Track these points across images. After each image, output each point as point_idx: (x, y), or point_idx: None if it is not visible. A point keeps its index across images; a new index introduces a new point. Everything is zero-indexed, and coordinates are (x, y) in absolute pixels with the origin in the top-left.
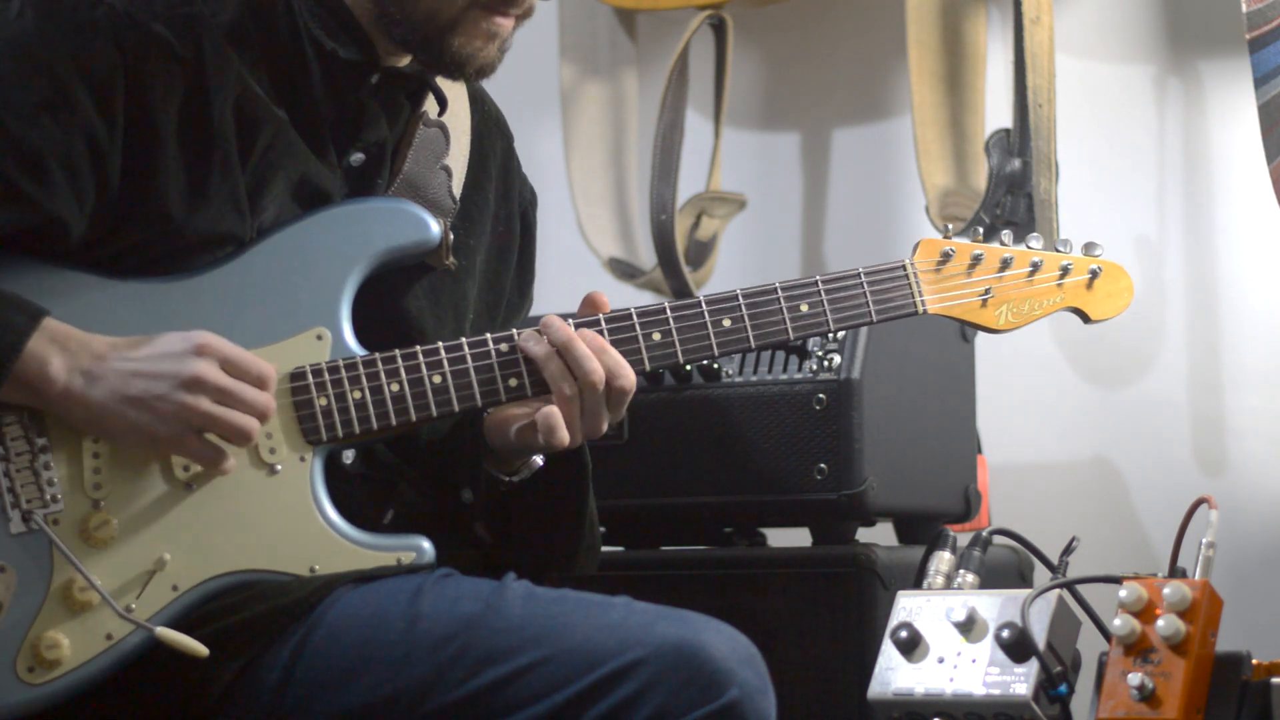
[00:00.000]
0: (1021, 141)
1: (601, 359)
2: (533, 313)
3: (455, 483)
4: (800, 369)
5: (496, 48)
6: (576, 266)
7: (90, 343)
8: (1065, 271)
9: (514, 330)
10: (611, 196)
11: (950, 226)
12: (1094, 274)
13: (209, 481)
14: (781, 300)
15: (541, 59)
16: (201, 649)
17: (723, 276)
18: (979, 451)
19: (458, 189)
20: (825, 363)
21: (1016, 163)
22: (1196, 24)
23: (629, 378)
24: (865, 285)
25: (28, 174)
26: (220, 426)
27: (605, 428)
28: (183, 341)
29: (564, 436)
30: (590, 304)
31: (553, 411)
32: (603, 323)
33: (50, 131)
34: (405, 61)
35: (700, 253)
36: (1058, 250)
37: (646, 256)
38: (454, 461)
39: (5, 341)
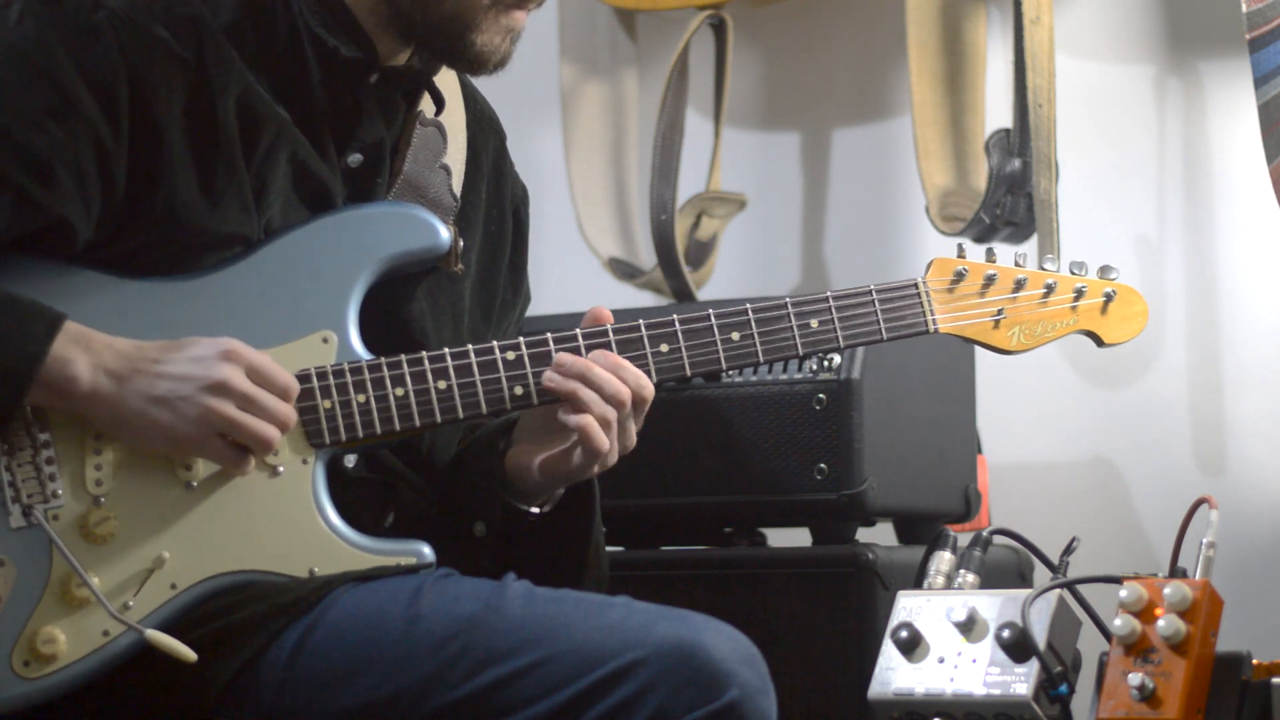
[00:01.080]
0: (1021, 141)
1: (620, 375)
2: (532, 312)
3: (468, 516)
4: (800, 369)
5: (511, 40)
6: (576, 266)
7: (114, 343)
8: (1080, 294)
9: (520, 339)
10: (611, 196)
11: (963, 245)
12: (1108, 297)
13: (211, 481)
14: (792, 316)
15: (541, 59)
16: (190, 654)
17: (723, 276)
18: (979, 451)
19: (457, 187)
20: (825, 363)
21: (1016, 163)
22: (1196, 24)
23: (649, 387)
24: (877, 303)
25: (36, 180)
26: (243, 432)
27: (634, 440)
28: (211, 346)
29: (603, 442)
30: (593, 319)
31: (589, 422)
32: (610, 334)
33: (57, 137)
34: (404, 60)
35: (700, 253)
36: (1072, 273)
37: (646, 256)
38: (467, 494)
39: (29, 350)
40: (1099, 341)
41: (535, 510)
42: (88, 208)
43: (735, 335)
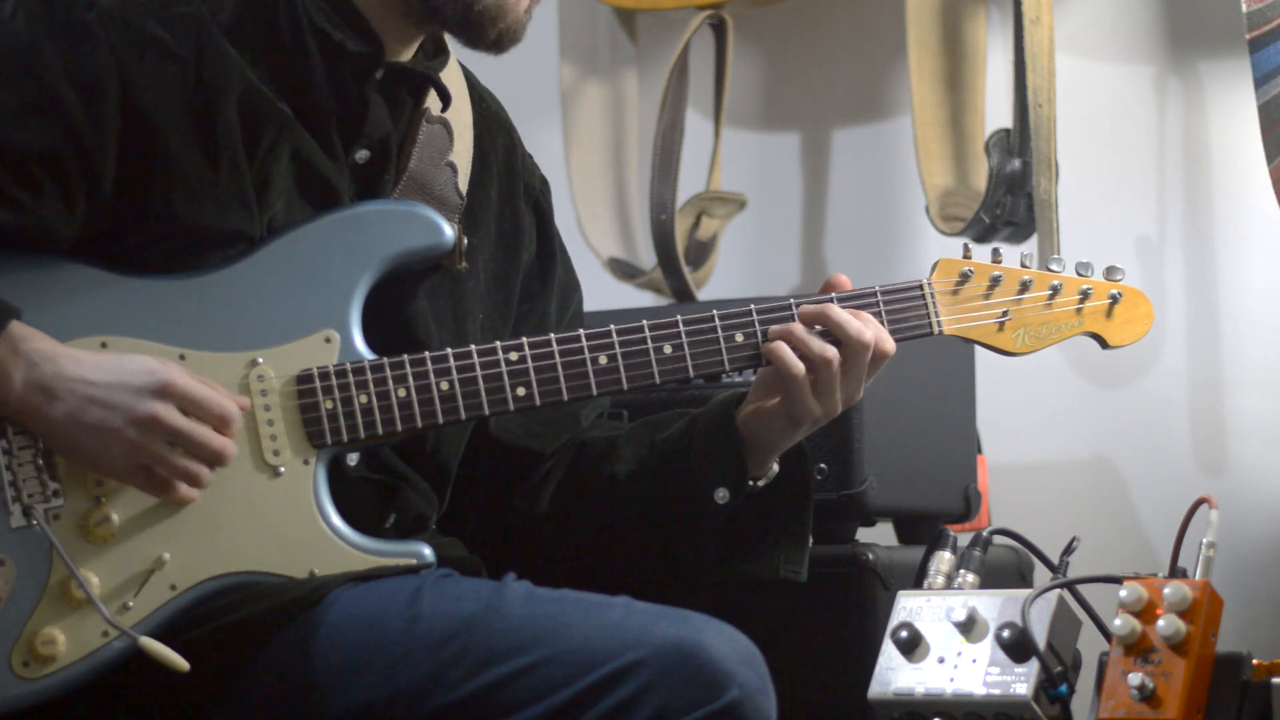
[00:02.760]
0: (1021, 141)
1: (861, 319)
2: None
3: (709, 482)
4: None
5: (524, 9)
6: (576, 266)
7: (56, 357)
8: (1085, 296)
9: (523, 340)
10: (611, 196)
11: (969, 245)
12: (1114, 299)
13: (212, 482)
14: (796, 318)
15: (541, 59)
16: (183, 664)
17: (723, 276)
18: (979, 451)
19: (464, 185)
20: None
21: (1016, 163)
22: (1196, 24)
23: (887, 341)
24: (881, 304)
25: (13, 177)
26: (169, 468)
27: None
28: (145, 376)
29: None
30: (830, 286)
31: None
32: (614, 334)
33: (35, 134)
34: (410, 56)
35: (700, 253)
36: (1079, 274)
37: (646, 256)
38: (707, 461)
39: None
40: (1103, 344)
41: (757, 483)
42: (70, 207)
43: (739, 336)
